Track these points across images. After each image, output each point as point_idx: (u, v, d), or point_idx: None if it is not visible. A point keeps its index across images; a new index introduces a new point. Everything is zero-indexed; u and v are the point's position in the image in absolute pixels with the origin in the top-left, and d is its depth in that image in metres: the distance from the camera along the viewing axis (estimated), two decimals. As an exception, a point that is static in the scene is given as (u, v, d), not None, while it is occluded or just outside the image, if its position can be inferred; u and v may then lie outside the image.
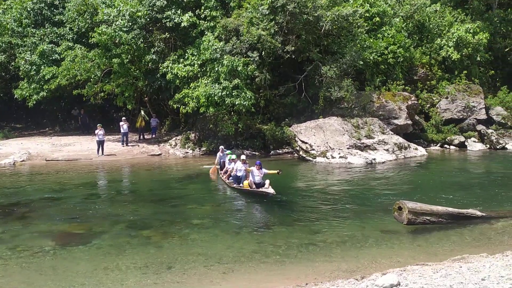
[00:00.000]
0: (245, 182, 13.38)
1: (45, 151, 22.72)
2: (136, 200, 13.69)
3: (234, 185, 14.20)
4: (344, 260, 8.22)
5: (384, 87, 25.38)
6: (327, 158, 20.36)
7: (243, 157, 14.79)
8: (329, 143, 21.03)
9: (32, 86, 25.93)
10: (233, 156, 15.16)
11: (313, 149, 21.13)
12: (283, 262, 8.24)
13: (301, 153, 21.50)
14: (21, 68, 26.17)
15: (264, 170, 13.31)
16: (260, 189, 12.82)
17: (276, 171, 13.27)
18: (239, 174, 14.10)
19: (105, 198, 14.35)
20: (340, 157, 20.19)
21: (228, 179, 14.97)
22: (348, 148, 20.71)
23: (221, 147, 18.21)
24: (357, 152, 20.57)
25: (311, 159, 20.77)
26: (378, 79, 25.56)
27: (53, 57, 26.02)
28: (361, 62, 23.53)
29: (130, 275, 7.69)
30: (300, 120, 23.49)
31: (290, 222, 10.80)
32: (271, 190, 12.46)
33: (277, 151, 23.04)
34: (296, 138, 21.97)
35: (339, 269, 7.74)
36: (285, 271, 7.85)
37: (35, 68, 25.73)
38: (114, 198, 14.06)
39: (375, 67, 25.72)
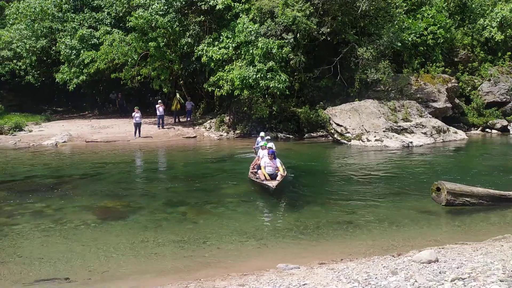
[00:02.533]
0: (259, 171, 11.90)
1: (85, 133, 23.42)
2: (172, 179, 13.96)
3: (251, 176, 12.59)
4: (380, 238, 8.12)
5: (423, 69, 24.71)
6: (362, 141, 20.07)
7: (270, 144, 13.12)
8: (364, 126, 20.70)
9: (72, 70, 26.66)
10: (262, 143, 13.63)
11: (348, 132, 20.86)
12: (317, 239, 8.23)
13: (335, 136, 21.28)
14: (61, 53, 26.90)
15: (277, 162, 11.90)
16: (264, 182, 11.37)
17: (284, 173, 11.91)
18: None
19: (142, 177, 14.72)
20: (376, 140, 19.86)
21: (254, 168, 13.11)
22: (384, 131, 20.33)
23: (262, 132, 16.60)
24: (393, 135, 20.17)
25: (346, 142, 20.54)
26: (416, 61, 24.91)
27: (92, 42, 26.62)
28: (399, 44, 22.93)
29: (167, 248, 7.87)
30: (335, 103, 23.21)
31: (324, 201, 10.75)
32: (272, 183, 11.00)
33: (311, 134, 22.89)
34: (331, 121, 21.74)
35: (375, 246, 7.65)
36: (319, 247, 7.83)
37: (75, 52, 26.40)
38: (151, 177, 14.39)
39: (413, 48, 25.06)
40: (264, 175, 11.63)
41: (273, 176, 11.60)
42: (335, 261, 6.75)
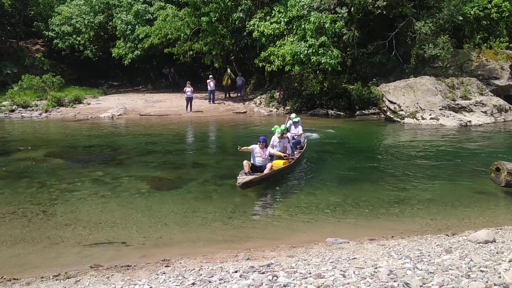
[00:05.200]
0: (244, 162, 10.13)
1: (139, 106, 24.13)
2: (221, 153, 14.20)
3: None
4: (434, 217, 7.89)
5: (485, 44, 23.31)
6: (417, 119, 19.40)
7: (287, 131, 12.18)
8: (419, 103, 19.97)
9: (128, 45, 27.36)
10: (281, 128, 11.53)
11: (402, 110, 20.22)
12: (367, 216, 8.11)
13: (388, 113, 20.69)
14: (117, 28, 27.64)
15: (270, 150, 10.59)
16: (239, 176, 9.67)
17: (283, 154, 10.78)
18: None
19: (193, 150, 15.06)
20: (431, 118, 19.13)
21: None
22: (440, 109, 19.53)
23: (293, 114, 14.53)
24: (450, 114, 19.34)
25: (399, 120, 19.94)
26: (478, 36, 23.52)
27: (146, 17, 27.14)
28: (460, 18, 21.70)
29: (217, 218, 8.04)
30: (389, 80, 22.47)
31: (376, 179, 10.55)
32: (242, 179, 9.34)
33: (363, 111, 22.36)
34: (384, 98, 21.12)
35: (428, 225, 7.46)
36: (369, 224, 7.72)
37: (130, 27, 27.05)
38: (201, 150, 14.69)
39: (475, 22, 23.64)
40: (248, 166, 10.02)
41: (262, 168, 10.17)
42: (385, 237, 6.65)
